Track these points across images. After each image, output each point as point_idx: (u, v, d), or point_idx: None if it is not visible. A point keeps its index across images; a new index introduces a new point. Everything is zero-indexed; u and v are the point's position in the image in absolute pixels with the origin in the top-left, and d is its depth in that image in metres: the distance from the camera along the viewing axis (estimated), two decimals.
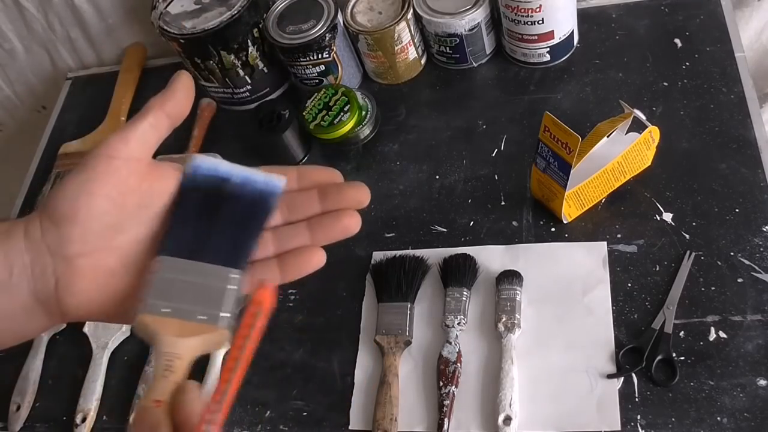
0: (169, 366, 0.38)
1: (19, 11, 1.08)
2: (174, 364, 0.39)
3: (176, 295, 0.40)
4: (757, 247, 0.71)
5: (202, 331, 0.40)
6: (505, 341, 0.70)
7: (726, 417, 0.63)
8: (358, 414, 0.71)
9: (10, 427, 0.79)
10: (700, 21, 0.88)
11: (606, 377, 0.67)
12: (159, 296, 0.40)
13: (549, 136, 0.69)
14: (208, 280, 0.41)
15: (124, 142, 0.40)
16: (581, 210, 0.77)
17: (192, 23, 0.89)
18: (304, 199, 0.44)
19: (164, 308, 0.40)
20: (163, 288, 0.40)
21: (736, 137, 0.78)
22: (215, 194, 0.42)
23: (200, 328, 0.40)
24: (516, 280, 0.73)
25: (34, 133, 1.13)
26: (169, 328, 0.39)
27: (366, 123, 0.88)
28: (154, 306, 0.40)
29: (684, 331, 0.68)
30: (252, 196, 0.42)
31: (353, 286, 0.80)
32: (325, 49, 0.89)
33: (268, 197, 0.43)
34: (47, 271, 0.39)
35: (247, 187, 0.42)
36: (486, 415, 0.68)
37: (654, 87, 0.84)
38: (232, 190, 0.42)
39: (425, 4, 0.89)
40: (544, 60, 0.90)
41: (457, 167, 0.86)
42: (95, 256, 0.40)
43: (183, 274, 0.40)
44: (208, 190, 0.42)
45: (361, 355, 0.75)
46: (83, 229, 0.39)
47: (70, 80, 1.17)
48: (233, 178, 0.42)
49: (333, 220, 0.43)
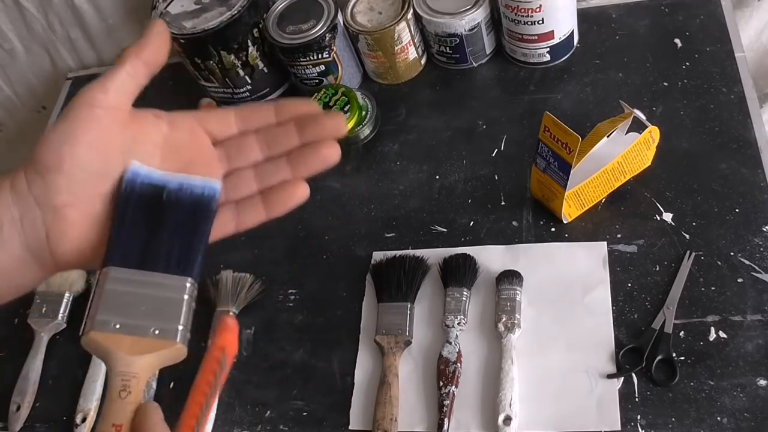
0: (126, 386, 0.37)
1: (19, 11, 1.08)
2: (130, 384, 0.37)
3: (128, 309, 0.38)
4: (757, 247, 0.71)
5: (159, 347, 0.38)
6: (505, 341, 0.70)
7: (726, 417, 0.63)
8: (358, 414, 0.71)
9: (10, 427, 0.79)
10: (700, 21, 0.88)
11: (606, 377, 0.67)
12: (109, 311, 0.38)
13: (549, 136, 0.69)
14: (162, 291, 0.39)
15: (103, 92, 0.40)
16: (581, 210, 0.77)
17: (192, 23, 0.89)
18: (283, 133, 0.44)
19: (116, 324, 0.38)
20: (114, 302, 0.38)
21: (736, 137, 0.78)
22: (155, 202, 0.41)
23: (156, 344, 0.38)
24: (516, 280, 0.73)
25: (34, 133, 1.13)
26: (123, 345, 0.37)
27: (366, 123, 0.88)
28: (105, 323, 0.38)
29: (684, 331, 0.68)
30: (192, 201, 0.41)
31: (353, 286, 0.80)
32: (325, 49, 0.89)
33: (209, 201, 0.42)
34: (37, 222, 0.39)
35: (186, 191, 0.41)
36: (486, 415, 0.68)
37: (654, 87, 0.84)
38: (171, 196, 0.41)
39: (425, 4, 0.89)
40: (544, 60, 0.90)
41: (457, 167, 0.86)
42: (83, 205, 0.39)
43: (134, 285, 0.39)
44: (148, 198, 0.41)
45: (361, 355, 0.75)
46: (69, 178, 0.39)
47: (70, 80, 1.17)
48: (170, 184, 0.41)
49: (312, 152, 0.44)
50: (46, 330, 0.84)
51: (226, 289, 0.80)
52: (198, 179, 0.42)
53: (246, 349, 0.79)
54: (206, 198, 0.42)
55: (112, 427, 0.36)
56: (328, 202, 0.87)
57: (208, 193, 0.42)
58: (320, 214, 0.87)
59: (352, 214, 0.86)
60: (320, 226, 0.86)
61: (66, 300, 0.85)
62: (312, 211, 0.87)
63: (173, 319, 0.39)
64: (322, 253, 0.83)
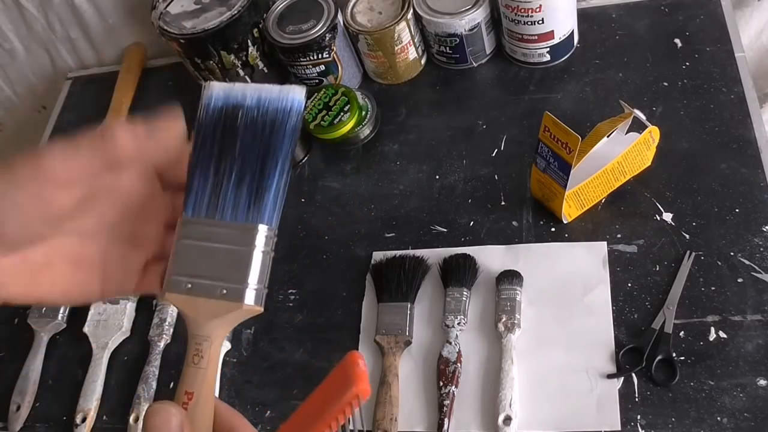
0: (198, 350, 0.35)
1: (19, 11, 1.08)
2: (202, 348, 0.35)
3: (198, 266, 0.35)
4: (757, 247, 0.71)
5: (227, 309, 0.35)
6: (505, 341, 0.70)
7: (726, 417, 0.63)
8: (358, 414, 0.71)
9: (10, 427, 0.79)
10: (700, 21, 0.88)
11: (606, 377, 0.67)
12: (181, 269, 0.36)
13: (549, 136, 0.69)
14: (231, 243, 0.35)
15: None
16: (581, 210, 0.77)
17: (192, 23, 0.89)
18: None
19: (187, 284, 0.35)
20: (186, 258, 0.35)
21: (736, 137, 0.78)
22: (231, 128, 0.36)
23: (224, 306, 0.35)
24: (516, 280, 0.73)
25: (34, 133, 1.13)
26: (194, 307, 0.35)
27: (366, 123, 0.88)
28: (177, 283, 0.35)
29: (684, 331, 0.68)
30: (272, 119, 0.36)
31: (353, 286, 0.80)
32: (325, 49, 0.89)
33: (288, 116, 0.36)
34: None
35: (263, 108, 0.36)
36: (486, 415, 0.68)
37: (654, 87, 0.84)
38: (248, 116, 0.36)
39: (425, 4, 0.89)
40: (544, 60, 0.89)
41: (457, 167, 0.86)
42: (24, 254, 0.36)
43: (204, 238, 0.35)
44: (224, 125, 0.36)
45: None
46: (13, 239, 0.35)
47: (70, 80, 1.17)
48: (247, 100, 0.36)
49: None
50: (46, 330, 0.84)
51: None
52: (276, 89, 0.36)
53: (246, 349, 0.79)
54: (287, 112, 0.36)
55: (185, 395, 0.34)
56: (328, 202, 0.87)
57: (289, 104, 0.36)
58: (320, 214, 0.87)
59: (352, 214, 0.86)
60: (320, 226, 0.86)
61: None
62: (312, 211, 0.87)
63: (243, 277, 0.35)
64: (322, 253, 0.83)
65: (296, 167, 0.92)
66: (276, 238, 0.37)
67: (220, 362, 0.76)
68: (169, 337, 0.81)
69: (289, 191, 0.36)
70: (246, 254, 0.35)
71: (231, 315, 0.35)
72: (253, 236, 0.35)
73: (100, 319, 0.83)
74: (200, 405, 0.34)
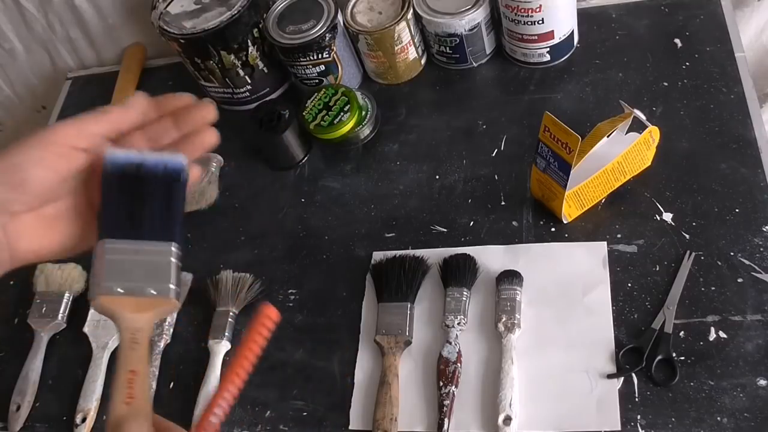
0: (135, 339, 0.44)
1: (19, 11, 1.08)
2: (137, 337, 0.44)
3: (127, 275, 0.45)
4: (757, 247, 0.71)
5: (156, 304, 0.45)
6: (505, 341, 0.70)
7: (726, 417, 0.63)
8: (358, 414, 0.71)
9: (10, 427, 0.79)
10: (700, 21, 0.88)
11: (606, 377, 0.67)
12: (112, 278, 0.45)
13: (549, 136, 0.69)
14: (152, 257, 0.46)
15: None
16: (581, 210, 0.77)
17: (192, 23, 0.89)
18: (161, 128, 0.49)
19: (119, 288, 0.45)
20: (114, 269, 0.45)
21: (736, 137, 0.78)
22: (134, 178, 0.46)
23: (154, 302, 0.45)
24: (516, 280, 0.73)
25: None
26: (127, 306, 0.45)
27: (366, 123, 0.88)
28: (110, 288, 0.45)
29: (684, 331, 0.68)
30: (165, 175, 0.47)
31: (353, 286, 0.80)
32: (325, 49, 0.89)
33: (179, 173, 0.47)
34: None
35: (159, 167, 0.47)
36: (486, 415, 0.68)
37: (654, 87, 0.84)
38: (148, 172, 0.46)
39: (425, 4, 0.89)
40: (544, 60, 0.90)
41: (457, 167, 0.86)
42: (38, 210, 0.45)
43: (128, 254, 0.45)
44: (127, 176, 0.46)
45: (361, 355, 0.75)
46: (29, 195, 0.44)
47: (70, 80, 1.17)
48: (146, 161, 0.46)
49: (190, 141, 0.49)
50: (46, 330, 0.84)
51: (226, 290, 0.80)
52: (167, 156, 0.47)
53: None
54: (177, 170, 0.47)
55: (130, 373, 0.42)
56: (328, 202, 0.87)
57: (178, 165, 0.47)
58: (320, 214, 0.87)
59: (352, 214, 0.86)
60: (320, 226, 0.86)
61: (66, 300, 0.85)
62: (312, 211, 0.87)
63: (165, 279, 0.46)
64: (322, 253, 0.83)
65: (296, 167, 0.92)
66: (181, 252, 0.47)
67: (219, 362, 0.78)
68: (169, 337, 0.81)
69: (289, 191, 0.39)
70: (167, 263, 0.46)
71: (160, 309, 0.46)
72: (170, 251, 0.46)
73: (100, 319, 0.83)
74: (141, 378, 0.43)
